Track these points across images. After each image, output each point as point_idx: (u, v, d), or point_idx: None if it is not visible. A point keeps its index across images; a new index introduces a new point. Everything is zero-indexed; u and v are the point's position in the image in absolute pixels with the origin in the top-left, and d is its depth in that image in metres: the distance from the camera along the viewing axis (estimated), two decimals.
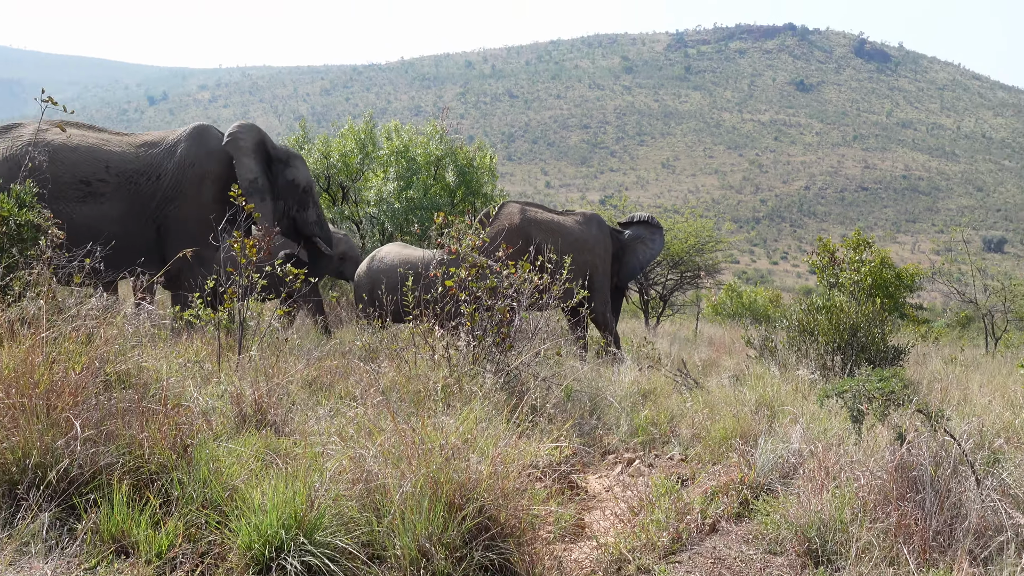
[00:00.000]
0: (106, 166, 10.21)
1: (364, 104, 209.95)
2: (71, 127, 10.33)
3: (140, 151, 10.55)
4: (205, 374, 6.81)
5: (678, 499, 5.60)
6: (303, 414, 6.18)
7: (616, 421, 7.78)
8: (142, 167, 10.43)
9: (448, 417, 5.28)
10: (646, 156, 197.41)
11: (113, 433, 4.44)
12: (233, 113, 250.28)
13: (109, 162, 10.24)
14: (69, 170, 9.99)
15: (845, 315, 10.74)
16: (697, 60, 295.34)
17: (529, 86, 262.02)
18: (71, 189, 9.95)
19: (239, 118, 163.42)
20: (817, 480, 5.27)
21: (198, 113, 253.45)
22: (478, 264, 8.16)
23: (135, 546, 3.99)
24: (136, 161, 10.44)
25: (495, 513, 4.37)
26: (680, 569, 4.80)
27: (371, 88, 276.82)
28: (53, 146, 9.90)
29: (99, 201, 10.07)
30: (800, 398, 8.32)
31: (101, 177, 10.13)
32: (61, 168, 9.87)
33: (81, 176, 10.04)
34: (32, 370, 4.41)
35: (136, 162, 10.43)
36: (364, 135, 22.33)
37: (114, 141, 10.57)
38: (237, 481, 4.48)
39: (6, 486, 4.14)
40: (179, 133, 10.84)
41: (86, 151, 10.18)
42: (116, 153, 10.37)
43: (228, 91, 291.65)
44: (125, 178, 10.24)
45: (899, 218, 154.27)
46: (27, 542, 3.82)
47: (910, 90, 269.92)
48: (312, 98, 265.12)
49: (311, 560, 3.96)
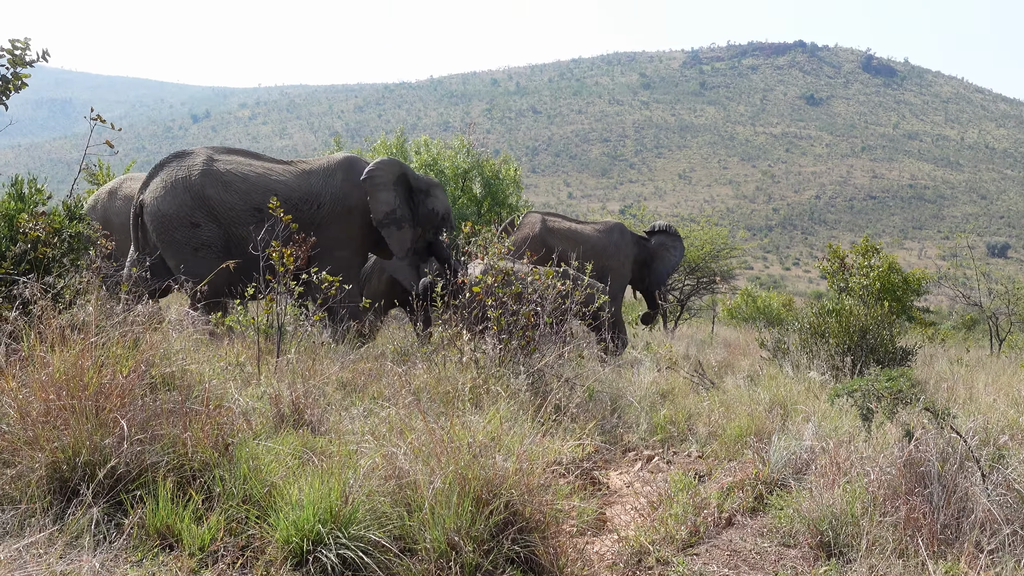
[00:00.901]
0: (275, 194, 10.30)
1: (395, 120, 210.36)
2: (237, 156, 10.75)
3: (300, 179, 10.78)
4: (245, 376, 6.83)
5: (695, 494, 5.58)
6: (338, 414, 6.19)
7: (636, 420, 7.75)
8: (304, 195, 10.65)
9: (476, 416, 5.28)
10: (663, 168, 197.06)
11: (158, 433, 4.45)
12: (272, 130, 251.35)
13: (277, 190, 10.43)
14: (243, 199, 10.30)
15: (855, 318, 10.69)
16: (711, 76, 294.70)
17: (552, 102, 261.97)
18: (246, 216, 10.25)
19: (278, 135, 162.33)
20: (829, 476, 5.24)
21: (239, 130, 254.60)
22: (504, 271, 8.15)
23: (179, 540, 4.00)
24: (299, 189, 10.67)
25: (521, 508, 4.36)
26: (698, 561, 4.78)
27: (402, 105, 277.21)
28: (226, 176, 10.28)
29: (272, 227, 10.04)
30: (812, 397, 8.28)
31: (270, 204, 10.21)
32: (235, 197, 10.25)
33: (254, 204, 10.30)
34: (82, 373, 4.43)
35: (299, 190, 10.66)
36: (396, 149, 22.38)
37: (277, 170, 10.83)
38: (275, 478, 4.49)
39: (57, 483, 4.16)
40: (332, 162, 11.02)
41: (256, 180, 10.47)
42: (282, 182, 10.63)
43: (267, 109, 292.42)
44: (291, 205, 10.41)
45: (906, 225, 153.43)
46: (77, 536, 3.83)
47: (916, 103, 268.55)
48: (346, 115, 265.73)
49: (346, 553, 3.96)
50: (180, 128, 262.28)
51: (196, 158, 10.49)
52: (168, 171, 10.39)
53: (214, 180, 10.27)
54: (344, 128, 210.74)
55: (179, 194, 10.15)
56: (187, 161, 10.46)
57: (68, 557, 3.66)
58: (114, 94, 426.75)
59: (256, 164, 10.76)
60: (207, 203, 10.18)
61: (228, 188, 10.30)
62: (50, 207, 6.87)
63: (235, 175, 10.42)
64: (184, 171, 10.31)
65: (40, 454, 4.16)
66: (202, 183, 10.20)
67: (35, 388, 4.36)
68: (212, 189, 10.23)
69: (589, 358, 9.21)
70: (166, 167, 10.47)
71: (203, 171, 10.27)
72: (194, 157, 10.53)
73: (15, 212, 6.50)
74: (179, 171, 10.33)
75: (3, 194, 6.80)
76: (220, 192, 10.25)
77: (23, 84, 7.03)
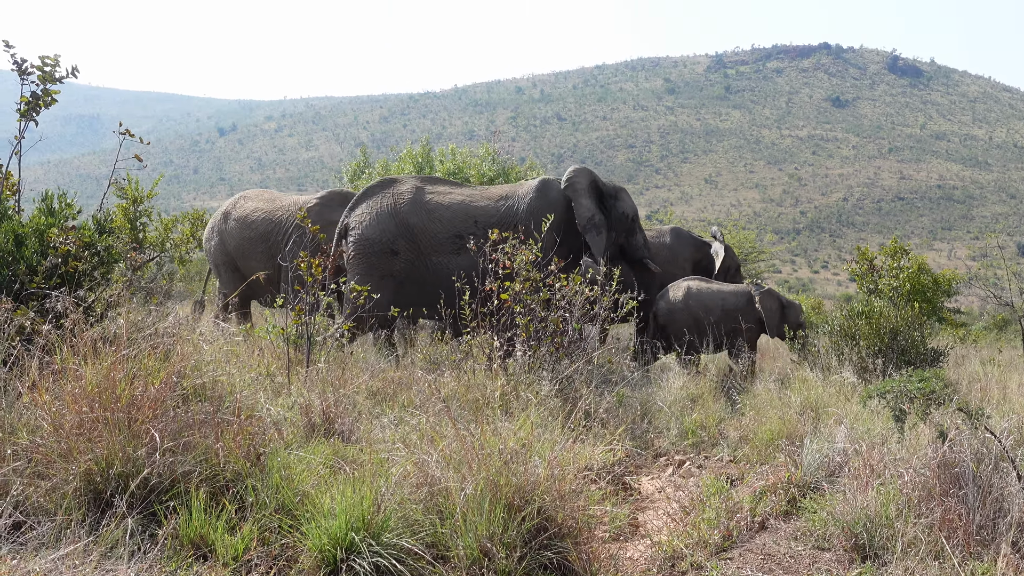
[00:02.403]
0: (475, 221, 10.73)
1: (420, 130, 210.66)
2: (439, 185, 11.18)
3: (499, 205, 11.02)
4: (276, 387, 6.85)
5: (728, 498, 5.56)
6: (368, 423, 6.20)
7: (666, 425, 7.74)
8: (502, 220, 10.84)
9: (506, 423, 5.27)
10: (689, 173, 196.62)
11: (190, 443, 4.47)
12: (297, 142, 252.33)
13: (477, 217, 10.78)
14: (446, 227, 10.66)
15: (885, 320, 10.63)
16: (736, 80, 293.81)
17: (577, 109, 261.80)
18: (448, 243, 10.60)
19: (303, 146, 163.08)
20: (862, 478, 5.21)
21: (265, 143, 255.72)
22: (532, 278, 8.15)
23: (213, 550, 4.02)
24: (497, 214, 10.89)
25: (553, 514, 4.36)
26: (731, 565, 4.76)
27: (427, 115, 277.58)
28: (430, 205, 10.67)
29: (470, 253, 10.38)
30: (843, 400, 8.24)
31: (472, 231, 10.60)
32: (439, 225, 10.63)
33: (456, 231, 10.65)
34: (114, 385, 4.45)
35: (497, 215, 10.88)
36: (421, 158, 22.44)
37: (476, 196, 11.13)
38: (307, 487, 4.51)
39: (91, 494, 4.18)
40: (528, 187, 11.23)
41: (458, 208, 10.80)
42: (481, 208, 10.91)
43: (293, 121, 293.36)
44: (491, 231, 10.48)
45: (935, 226, 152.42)
46: (112, 547, 3.85)
47: (943, 103, 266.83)
48: (372, 125, 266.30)
49: (379, 560, 3.96)
50: (207, 142, 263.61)
51: (402, 186, 11.01)
52: (375, 198, 10.88)
53: (419, 208, 10.70)
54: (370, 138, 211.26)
55: (383, 221, 10.60)
56: (393, 189, 10.98)
57: (104, 567, 3.67)
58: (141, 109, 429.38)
59: (456, 192, 11.12)
60: (411, 231, 10.59)
61: (431, 216, 10.69)
62: (80, 221, 6.92)
63: (439, 204, 10.81)
64: (390, 199, 10.81)
65: (74, 466, 4.19)
66: (407, 211, 10.65)
67: (68, 401, 4.39)
68: (416, 217, 10.65)
69: (618, 364, 9.20)
70: (373, 194, 10.99)
71: (410, 200, 10.73)
72: (400, 185, 11.05)
73: (45, 227, 6.55)
74: (385, 199, 10.84)
75: (33, 209, 6.86)
76: (424, 220, 10.65)
77: (53, 100, 7.08)
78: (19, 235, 6.44)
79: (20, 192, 7.17)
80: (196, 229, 16.59)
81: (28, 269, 6.23)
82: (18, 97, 6.98)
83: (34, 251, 6.37)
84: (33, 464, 4.27)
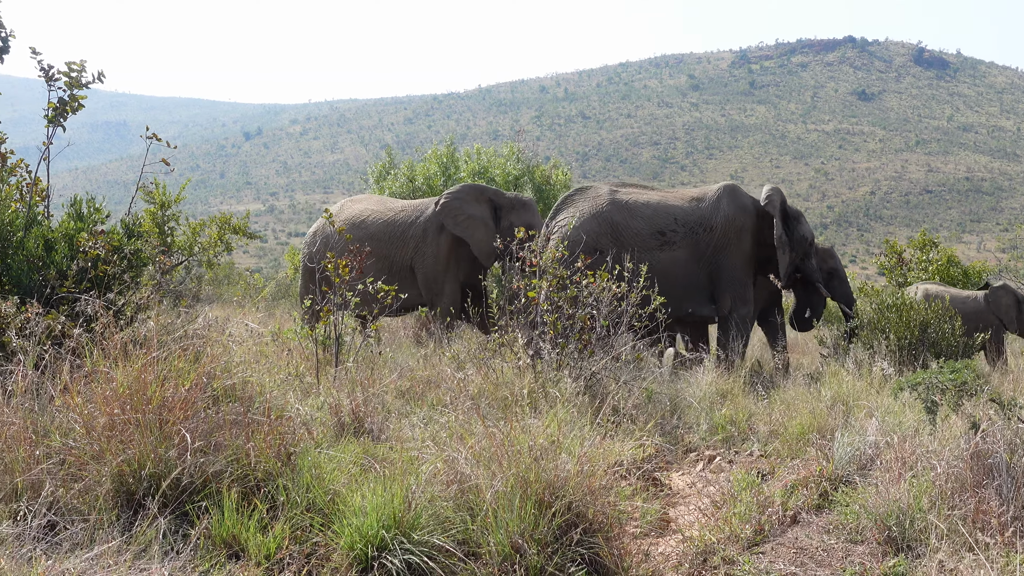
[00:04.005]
0: (674, 219, 11.32)
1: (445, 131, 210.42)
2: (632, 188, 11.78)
3: (692, 205, 11.54)
4: (305, 387, 6.88)
5: (759, 492, 5.54)
6: (398, 422, 6.22)
7: (696, 420, 7.70)
8: (698, 220, 11.41)
9: (535, 420, 5.27)
10: (715, 169, 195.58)
11: (221, 444, 4.49)
12: (323, 144, 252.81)
13: (676, 216, 11.38)
14: (648, 224, 11.22)
15: (915, 312, 10.57)
16: (761, 75, 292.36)
17: (601, 107, 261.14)
18: (651, 239, 11.17)
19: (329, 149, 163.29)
20: (894, 470, 5.17)
21: (290, 146, 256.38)
22: (559, 275, 8.15)
23: (245, 549, 4.04)
24: (693, 214, 11.44)
25: (583, 509, 4.36)
26: (764, 559, 4.74)
27: (451, 115, 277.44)
28: (631, 204, 11.24)
29: (672, 249, 11.18)
30: (874, 393, 8.18)
31: (672, 228, 11.26)
32: (642, 222, 11.20)
33: (658, 228, 11.25)
34: (145, 387, 4.48)
35: (693, 215, 11.43)
36: (446, 159, 22.43)
37: (670, 197, 11.73)
38: (338, 486, 4.52)
39: (124, 495, 4.21)
40: (716, 190, 11.73)
41: (657, 206, 11.42)
42: (679, 207, 11.48)
43: (318, 124, 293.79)
44: (688, 229, 11.32)
45: (964, 218, 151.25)
46: (145, 547, 3.87)
47: (970, 95, 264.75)
48: (396, 127, 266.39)
49: (410, 558, 3.97)
50: (233, 146, 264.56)
51: (600, 190, 11.56)
52: (575, 203, 11.49)
53: (620, 208, 11.23)
54: (394, 140, 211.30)
55: (588, 221, 11.12)
56: (591, 193, 11.55)
57: (137, 567, 3.70)
58: (167, 115, 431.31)
59: (651, 193, 11.76)
60: (615, 229, 11.13)
61: (633, 215, 11.22)
62: (109, 226, 6.97)
63: (638, 203, 11.35)
64: (591, 202, 11.36)
65: (106, 467, 4.22)
66: (610, 211, 11.18)
67: (100, 403, 4.43)
68: (620, 216, 11.18)
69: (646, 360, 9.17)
70: (572, 200, 11.58)
71: (610, 201, 11.25)
72: (597, 190, 11.60)
73: (75, 231, 6.60)
74: (586, 202, 11.39)
75: (63, 214, 6.91)
76: (627, 219, 11.19)
77: (80, 106, 7.13)
78: (49, 240, 6.50)
79: (49, 198, 7.23)
80: (223, 233, 16.67)
81: (58, 273, 6.28)
82: (45, 104, 7.02)
83: (64, 256, 6.43)
84: (66, 466, 4.30)
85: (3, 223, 6.30)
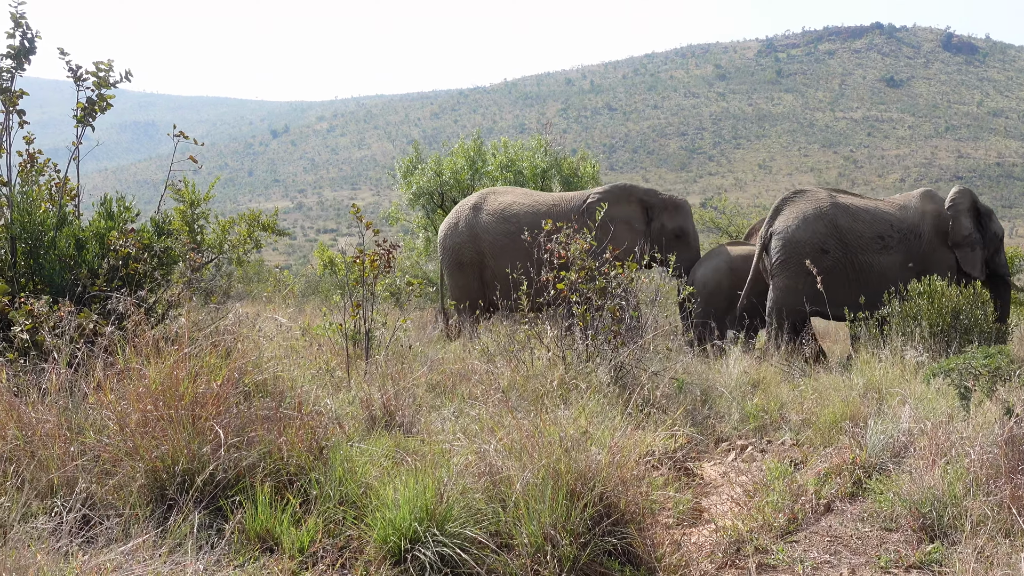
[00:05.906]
0: (890, 224, 11.78)
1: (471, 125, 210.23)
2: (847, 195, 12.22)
3: (900, 213, 12.02)
4: (336, 381, 6.91)
5: (792, 481, 5.52)
6: (428, 415, 6.24)
7: (727, 410, 7.67)
8: (909, 226, 11.91)
9: (565, 411, 5.27)
10: (743, 159, 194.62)
11: (253, 439, 4.51)
12: (350, 141, 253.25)
13: (891, 222, 11.84)
14: (869, 228, 11.72)
15: (947, 299, 10.49)
16: (788, 64, 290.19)
17: (627, 98, 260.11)
18: (872, 243, 11.67)
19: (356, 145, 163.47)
20: (928, 457, 5.14)
21: (317, 143, 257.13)
22: (587, 267, 8.13)
23: (279, 543, 4.06)
24: (904, 221, 11.93)
25: (615, 500, 4.35)
26: (798, 548, 4.72)
27: (477, 109, 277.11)
28: (853, 209, 11.77)
29: (890, 253, 11.63)
30: (906, 380, 8.13)
31: (889, 234, 11.72)
32: (863, 226, 11.71)
33: (878, 232, 11.72)
34: (177, 384, 4.51)
35: (904, 222, 11.94)
36: (473, 152, 22.42)
37: (881, 203, 12.30)
38: (370, 479, 4.54)
39: (157, 491, 4.24)
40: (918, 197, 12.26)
41: (874, 212, 11.88)
42: (892, 214, 11.95)
43: (344, 121, 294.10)
44: (902, 235, 11.81)
45: (995, 204, 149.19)
46: (180, 542, 3.90)
47: (999, 79, 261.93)
48: (423, 122, 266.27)
49: (443, 550, 3.98)
50: (261, 144, 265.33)
51: (819, 193, 12.03)
52: (795, 205, 11.87)
53: (843, 211, 11.65)
54: (421, 135, 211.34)
55: (812, 223, 11.54)
56: (810, 195, 11.98)
57: (172, 560, 3.72)
58: (195, 113, 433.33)
59: (866, 198, 12.26)
60: (839, 231, 11.55)
61: (856, 218, 11.64)
62: (139, 224, 7.02)
63: (859, 207, 11.79)
64: (812, 204, 11.74)
65: (140, 463, 4.25)
66: (834, 214, 11.57)
67: (132, 400, 4.46)
68: (843, 219, 11.59)
69: (677, 350, 9.14)
70: (791, 202, 11.97)
71: (832, 203, 11.69)
72: (816, 192, 12.10)
73: (105, 230, 6.65)
74: (806, 204, 11.77)
75: (93, 213, 6.96)
76: (850, 222, 11.60)
77: (108, 105, 7.17)
78: (80, 239, 6.55)
79: (79, 197, 7.28)
80: (252, 230, 16.73)
81: (90, 272, 6.33)
82: (74, 104, 7.07)
83: (95, 254, 6.48)
84: (100, 462, 4.34)
85: (34, 223, 6.35)
